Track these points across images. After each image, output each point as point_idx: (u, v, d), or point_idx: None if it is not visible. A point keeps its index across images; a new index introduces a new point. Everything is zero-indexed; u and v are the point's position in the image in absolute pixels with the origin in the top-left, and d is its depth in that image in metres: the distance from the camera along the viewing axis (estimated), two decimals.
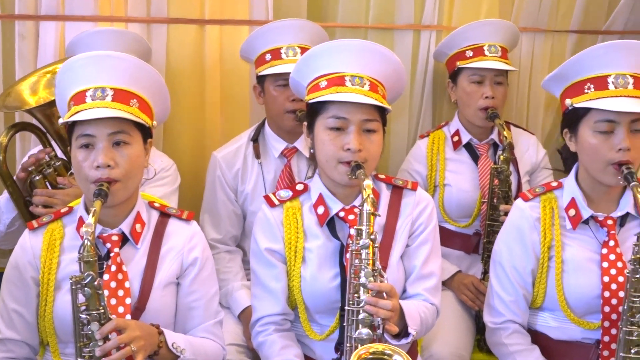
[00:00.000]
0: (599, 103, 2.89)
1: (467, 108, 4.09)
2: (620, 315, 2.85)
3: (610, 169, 2.92)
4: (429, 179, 4.09)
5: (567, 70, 2.99)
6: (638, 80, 2.89)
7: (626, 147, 2.87)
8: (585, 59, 2.94)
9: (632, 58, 2.90)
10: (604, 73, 2.90)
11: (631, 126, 2.90)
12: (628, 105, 2.86)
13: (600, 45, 2.94)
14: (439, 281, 3.12)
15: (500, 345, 3.13)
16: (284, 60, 3.83)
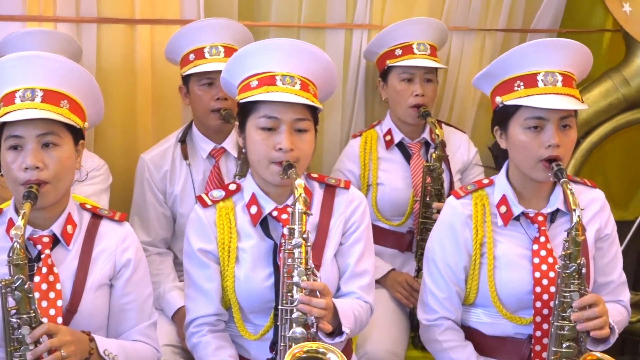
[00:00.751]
0: (529, 100, 2.92)
1: (398, 106, 4.11)
2: (552, 310, 2.89)
3: (540, 166, 2.95)
4: (362, 178, 4.11)
5: (497, 69, 3.02)
6: (567, 78, 2.94)
7: (555, 144, 2.91)
8: (514, 57, 2.98)
9: (560, 56, 2.95)
10: (534, 71, 2.94)
11: (560, 123, 2.94)
12: (557, 102, 2.90)
13: (529, 44, 2.98)
14: (372, 279, 3.12)
15: (434, 341, 3.15)
16: (208, 59, 3.81)
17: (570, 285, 2.83)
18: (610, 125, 4.52)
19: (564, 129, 2.96)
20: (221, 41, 3.85)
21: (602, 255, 3.17)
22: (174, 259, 3.95)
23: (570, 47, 3.00)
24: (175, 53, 3.93)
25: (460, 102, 4.73)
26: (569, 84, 2.95)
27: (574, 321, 2.80)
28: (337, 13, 4.38)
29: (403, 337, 3.86)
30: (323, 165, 4.50)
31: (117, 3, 4.13)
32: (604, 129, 4.51)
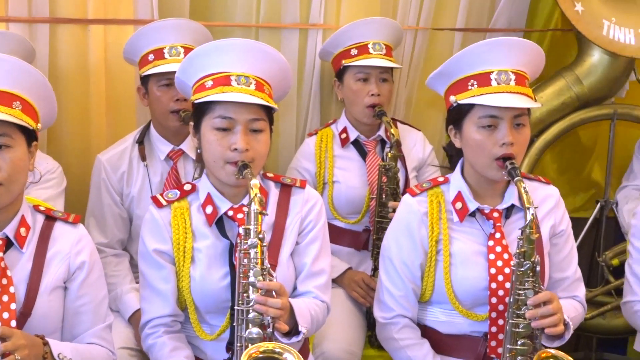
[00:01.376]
0: (482, 99, 2.94)
1: (354, 106, 4.12)
2: (507, 306, 2.91)
3: (494, 164, 2.97)
4: (317, 176, 4.11)
5: (450, 68, 3.04)
6: (520, 77, 2.96)
7: (509, 142, 2.94)
8: (468, 57, 3.00)
9: (513, 55, 2.97)
10: (487, 70, 2.96)
11: (514, 121, 2.96)
12: (510, 100, 2.92)
13: (482, 43, 3.00)
14: (329, 278, 3.13)
15: (391, 340, 3.16)
16: (167, 60, 3.79)
17: (525, 283, 2.85)
18: (563, 123, 4.55)
19: (518, 127, 2.98)
20: (181, 42, 3.83)
21: (557, 251, 3.20)
22: (130, 260, 3.93)
23: (523, 46, 3.03)
24: (133, 53, 3.91)
25: (416, 101, 4.74)
26: (522, 82, 2.97)
27: (529, 319, 2.82)
28: (292, 13, 4.38)
29: (360, 336, 3.87)
30: (279, 164, 4.49)
31: (69, 3, 4.09)
32: (557, 128, 4.55)
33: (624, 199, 4.62)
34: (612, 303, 4.58)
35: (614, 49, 4.33)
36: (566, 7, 4.22)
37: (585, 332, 4.76)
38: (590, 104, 4.58)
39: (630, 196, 4.59)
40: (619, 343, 4.94)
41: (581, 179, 5.09)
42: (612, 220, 4.78)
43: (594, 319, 4.61)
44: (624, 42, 4.32)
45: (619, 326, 4.62)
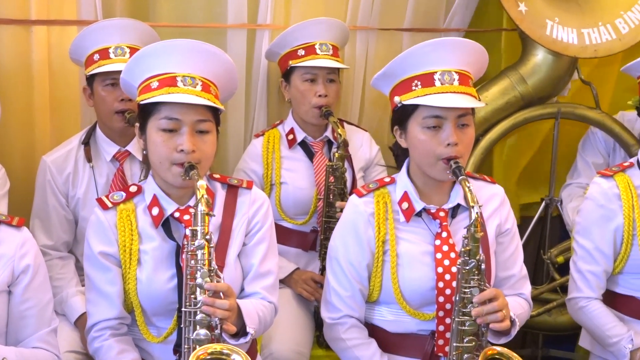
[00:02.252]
0: (426, 99, 2.95)
1: (301, 106, 4.12)
2: (454, 304, 2.92)
3: (440, 164, 2.99)
4: (265, 177, 4.10)
5: (394, 69, 3.05)
6: (463, 77, 2.98)
7: (454, 142, 2.95)
8: (411, 57, 3.01)
9: (457, 55, 2.98)
10: (431, 70, 2.97)
11: (458, 121, 2.98)
12: (454, 100, 2.94)
13: (425, 43, 3.01)
14: (276, 279, 3.13)
15: (339, 340, 3.16)
16: (112, 59, 3.76)
17: (470, 281, 2.87)
18: (508, 122, 4.58)
19: (462, 127, 3.00)
20: (127, 42, 3.81)
21: (502, 249, 3.22)
22: (76, 263, 3.89)
23: (466, 46, 3.04)
24: (79, 53, 3.87)
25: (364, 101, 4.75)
26: (465, 82, 2.99)
27: (475, 316, 2.84)
28: (238, 13, 4.35)
29: (308, 336, 3.87)
30: (227, 166, 4.48)
31: (12, 4, 4.04)
32: (502, 127, 4.58)
33: (568, 196, 4.68)
34: (558, 300, 4.62)
35: (557, 49, 4.38)
36: (510, 7, 4.25)
37: (531, 329, 4.80)
38: (535, 103, 4.62)
39: (575, 194, 4.64)
40: (565, 339, 4.98)
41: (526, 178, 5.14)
42: (557, 218, 4.84)
43: (540, 316, 4.65)
44: (567, 42, 4.36)
45: (565, 323, 4.67)
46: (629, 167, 3.47)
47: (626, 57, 4.30)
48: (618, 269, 3.44)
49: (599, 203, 3.42)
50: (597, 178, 3.47)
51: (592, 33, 4.40)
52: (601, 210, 3.41)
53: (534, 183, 5.13)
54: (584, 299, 3.44)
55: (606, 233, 3.41)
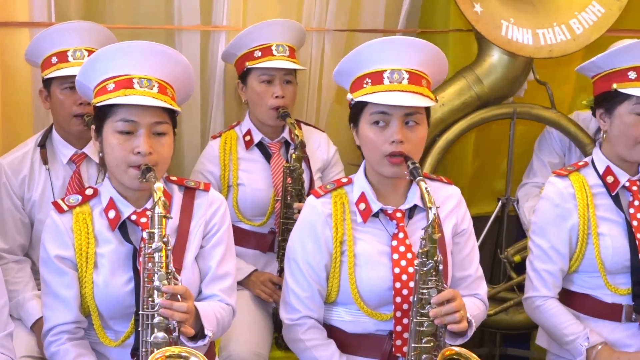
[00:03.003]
0: (373, 97, 2.98)
1: (257, 108, 4.12)
2: (411, 305, 2.93)
3: (385, 161, 3.01)
4: (222, 179, 4.09)
5: (346, 67, 3.08)
6: (414, 76, 2.99)
7: (398, 140, 2.97)
8: (361, 55, 3.04)
9: (407, 54, 3.00)
10: (381, 68, 3.00)
11: (405, 119, 3.00)
12: (400, 99, 2.95)
13: (374, 42, 3.04)
14: (234, 281, 3.13)
15: (298, 341, 3.16)
16: (71, 63, 3.73)
17: (428, 282, 2.88)
18: (465, 123, 4.60)
19: (410, 125, 3.01)
20: (85, 44, 3.78)
21: (459, 250, 3.24)
22: (32, 267, 3.86)
23: (416, 46, 3.05)
24: (36, 55, 3.83)
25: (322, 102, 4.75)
26: (416, 82, 2.99)
27: (433, 317, 2.85)
28: (192, 15, 4.34)
29: (266, 337, 3.87)
30: (183, 168, 4.46)
31: None
32: (459, 127, 4.59)
33: (524, 196, 4.71)
34: (515, 299, 4.65)
35: (512, 49, 4.40)
36: (465, 7, 4.27)
37: (489, 328, 4.83)
38: (491, 103, 4.65)
39: (531, 193, 4.68)
40: (522, 338, 5.02)
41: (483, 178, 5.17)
42: (513, 218, 4.87)
43: (497, 315, 4.68)
44: (522, 42, 4.39)
45: (522, 321, 4.69)
46: (583, 166, 3.51)
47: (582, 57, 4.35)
48: (574, 268, 3.46)
49: (555, 202, 3.45)
50: (552, 178, 3.50)
51: (547, 33, 4.43)
52: (557, 209, 3.44)
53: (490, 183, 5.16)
54: (541, 297, 3.46)
55: (562, 232, 3.43)
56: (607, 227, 3.41)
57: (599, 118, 3.48)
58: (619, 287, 3.40)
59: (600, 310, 3.44)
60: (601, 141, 3.51)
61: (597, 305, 3.45)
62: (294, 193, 3.98)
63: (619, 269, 3.39)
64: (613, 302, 3.43)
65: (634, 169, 3.45)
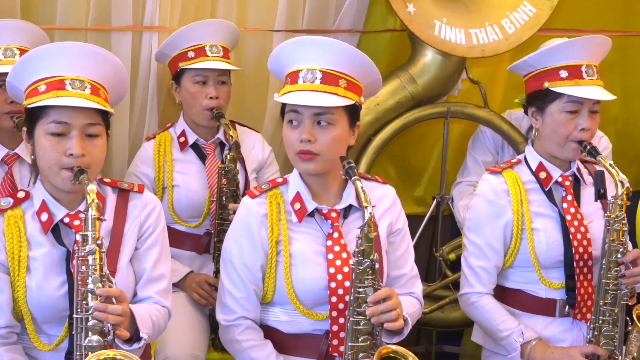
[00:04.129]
0: (286, 97, 3.01)
1: (192, 109, 4.10)
2: (347, 304, 2.94)
3: (297, 159, 3.05)
4: (157, 180, 4.07)
5: (274, 66, 3.14)
6: (329, 76, 3.00)
7: (306, 139, 2.99)
8: (280, 55, 3.08)
9: (321, 54, 3.01)
10: (297, 68, 3.02)
11: (315, 119, 3.01)
12: (310, 99, 2.98)
13: (289, 42, 3.07)
14: (169, 283, 3.11)
15: (234, 342, 3.15)
16: (2, 61, 3.71)
17: (364, 281, 2.89)
18: (399, 122, 4.62)
19: (322, 125, 3.02)
20: (17, 43, 3.75)
21: (394, 249, 3.26)
22: None
23: (330, 46, 3.05)
24: None
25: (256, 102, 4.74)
26: (330, 82, 3.00)
27: (369, 316, 2.86)
28: (124, 15, 4.30)
29: (203, 339, 3.85)
30: (112, 169, 4.41)
31: None
32: (393, 127, 4.62)
33: (458, 194, 4.75)
34: (450, 296, 4.69)
35: (445, 49, 4.44)
36: (399, 8, 4.29)
37: (425, 326, 4.86)
38: (425, 102, 4.68)
39: (465, 192, 4.72)
40: (458, 335, 5.06)
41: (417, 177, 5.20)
42: (448, 216, 4.91)
43: (433, 313, 4.71)
44: (455, 42, 4.42)
45: (457, 319, 4.74)
46: (516, 163, 3.55)
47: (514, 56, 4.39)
48: (508, 264, 3.50)
49: (489, 199, 3.48)
50: (486, 175, 3.53)
51: (479, 33, 4.47)
52: (491, 206, 3.48)
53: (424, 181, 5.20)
54: (476, 294, 3.50)
55: (496, 228, 3.47)
56: (541, 222, 3.45)
57: (531, 116, 3.52)
58: (553, 282, 3.45)
59: (534, 306, 3.49)
60: (533, 139, 3.55)
61: (532, 301, 3.49)
62: (229, 194, 3.97)
63: (552, 263, 3.44)
64: (547, 296, 3.47)
65: (566, 165, 3.50)
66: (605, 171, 3.33)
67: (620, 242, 3.29)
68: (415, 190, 5.20)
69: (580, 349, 3.35)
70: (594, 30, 4.78)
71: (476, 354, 3.89)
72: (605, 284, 3.31)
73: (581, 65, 3.39)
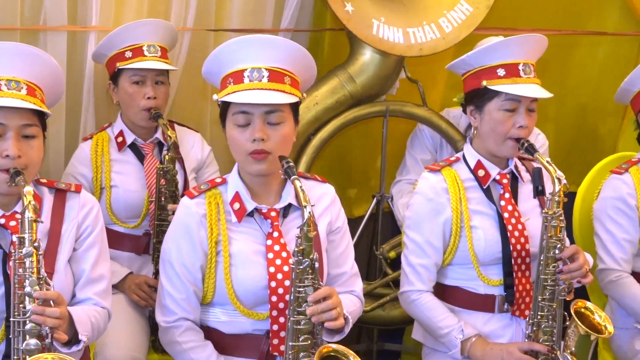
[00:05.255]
0: (234, 96, 2.99)
1: (129, 109, 4.07)
2: (288, 304, 2.94)
3: (249, 159, 3.02)
4: (94, 181, 4.03)
5: (211, 67, 3.09)
6: (275, 74, 3.00)
7: (259, 138, 2.98)
8: (222, 55, 3.05)
9: (266, 52, 3.01)
10: (241, 67, 3.00)
11: (266, 118, 3.01)
12: (259, 97, 2.97)
13: (231, 41, 3.04)
14: (109, 284, 3.09)
15: (174, 343, 3.13)
16: None
17: (304, 280, 2.89)
18: (338, 121, 4.63)
19: (272, 123, 3.02)
20: None
21: (334, 247, 3.26)
22: None
23: (275, 44, 3.06)
24: None
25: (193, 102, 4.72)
26: (277, 79, 3.00)
27: (309, 315, 2.87)
28: (59, 15, 4.24)
29: (143, 341, 3.82)
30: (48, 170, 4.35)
31: None
32: (332, 125, 4.62)
33: (398, 193, 4.77)
34: (391, 294, 4.71)
35: (383, 48, 4.46)
36: (337, 7, 4.30)
37: (366, 325, 4.87)
38: (364, 101, 4.69)
39: (405, 190, 4.74)
40: (399, 333, 5.09)
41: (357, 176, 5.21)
42: (388, 214, 4.93)
43: (373, 311, 4.73)
44: (393, 41, 4.44)
45: (398, 317, 4.76)
46: (455, 161, 3.58)
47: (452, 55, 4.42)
48: (447, 261, 3.52)
49: (428, 197, 3.50)
50: (425, 173, 3.56)
51: (417, 32, 4.49)
52: (430, 204, 3.50)
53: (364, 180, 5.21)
54: (416, 292, 3.51)
55: (435, 226, 3.49)
56: (479, 220, 3.48)
57: (469, 115, 3.55)
58: (492, 278, 3.48)
59: (473, 302, 3.51)
60: (472, 137, 3.58)
61: (471, 297, 3.52)
62: (168, 194, 3.95)
63: (491, 260, 3.47)
64: (486, 293, 3.50)
65: (504, 163, 3.53)
66: (543, 168, 3.36)
67: (557, 239, 3.33)
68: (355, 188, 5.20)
69: (519, 345, 3.38)
70: (531, 29, 4.84)
71: (417, 351, 3.92)
72: (544, 280, 3.34)
73: (518, 63, 3.43)
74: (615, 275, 3.84)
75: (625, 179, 3.89)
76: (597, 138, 5.61)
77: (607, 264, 3.86)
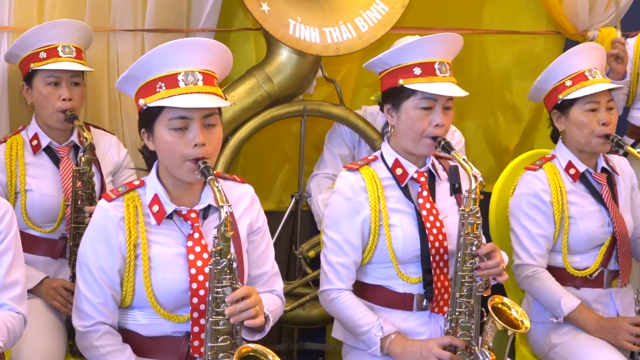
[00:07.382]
0: (171, 101, 2.94)
1: (44, 111, 4.01)
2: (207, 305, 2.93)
3: (187, 165, 2.98)
4: (9, 185, 3.96)
5: (137, 71, 3.02)
6: (208, 77, 2.98)
7: (201, 143, 2.95)
8: (153, 59, 2.99)
9: (200, 55, 2.98)
10: (174, 71, 2.96)
11: (204, 121, 2.98)
12: (199, 101, 2.94)
13: (165, 45, 2.99)
14: (24, 289, 3.05)
15: (92, 348, 3.09)
16: None
17: (223, 281, 2.88)
18: (256, 121, 4.63)
19: (209, 127, 3.00)
20: None
21: (254, 248, 3.26)
22: None
23: (209, 46, 3.04)
24: None
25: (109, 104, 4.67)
26: (210, 82, 2.99)
27: (228, 315, 2.86)
28: None
29: (60, 346, 3.77)
30: None
31: None
32: (250, 126, 4.62)
33: (316, 187, 4.78)
34: (310, 294, 4.72)
35: (300, 48, 4.46)
36: (253, 7, 4.30)
37: (286, 324, 4.88)
38: (281, 101, 4.70)
39: (323, 185, 4.75)
40: (319, 332, 5.10)
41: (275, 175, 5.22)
42: (307, 213, 4.94)
43: (294, 311, 4.74)
44: (310, 41, 4.45)
45: (318, 316, 4.78)
46: (373, 160, 3.59)
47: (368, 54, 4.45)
48: (367, 260, 3.54)
49: (347, 196, 3.51)
50: (344, 172, 3.57)
51: (333, 32, 4.51)
52: (349, 203, 3.51)
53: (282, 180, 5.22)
54: (335, 290, 3.52)
55: (354, 225, 3.50)
56: (398, 218, 3.50)
57: (386, 113, 3.57)
58: (410, 277, 3.51)
59: (393, 300, 3.53)
60: (389, 136, 3.60)
61: (390, 296, 3.53)
62: (85, 197, 3.90)
63: (410, 258, 3.49)
64: (405, 291, 3.52)
65: (422, 161, 3.56)
66: (459, 166, 3.40)
67: (474, 235, 3.36)
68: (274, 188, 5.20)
69: (438, 341, 3.41)
70: (446, 28, 4.89)
71: (339, 350, 3.92)
72: (461, 277, 3.37)
73: (434, 62, 3.46)
74: (531, 270, 3.90)
75: (539, 175, 3.95)
76: (513, 136, 5.69)
77: (522, 260, 3.92)
